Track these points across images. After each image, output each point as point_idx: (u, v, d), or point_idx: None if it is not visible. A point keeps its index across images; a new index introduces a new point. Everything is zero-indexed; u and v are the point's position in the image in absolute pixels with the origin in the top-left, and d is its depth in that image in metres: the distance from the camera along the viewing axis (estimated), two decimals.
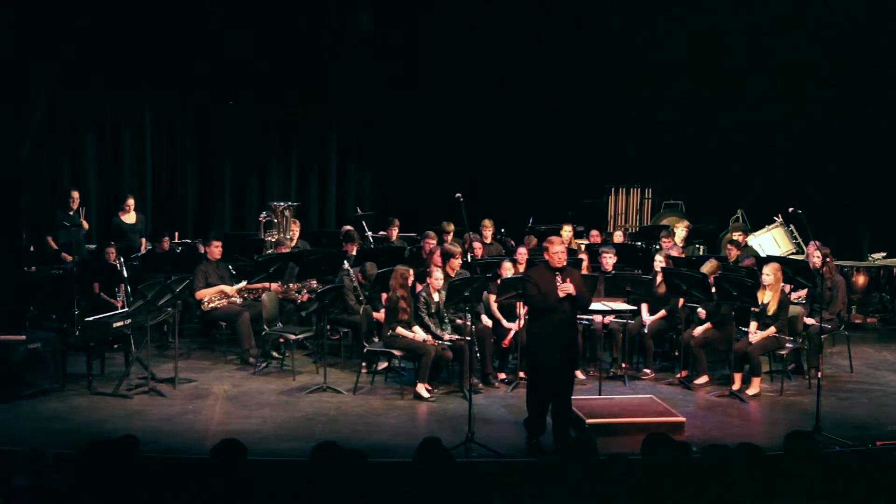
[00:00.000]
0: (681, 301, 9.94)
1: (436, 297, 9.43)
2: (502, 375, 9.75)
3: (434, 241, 11.51)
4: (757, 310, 9.42)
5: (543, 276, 7.72)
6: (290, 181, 15.41)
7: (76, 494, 4.82)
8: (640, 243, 13.06)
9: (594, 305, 9.24)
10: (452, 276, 9.72)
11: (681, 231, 12.43)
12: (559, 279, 7.64)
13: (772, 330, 9.36)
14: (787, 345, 9.51)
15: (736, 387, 9.31)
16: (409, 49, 15.06)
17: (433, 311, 9.41)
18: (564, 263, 7.77)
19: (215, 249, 10.58)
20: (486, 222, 12.20)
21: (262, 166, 15.26)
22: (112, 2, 12.48)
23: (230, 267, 10.95)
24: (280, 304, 10.43)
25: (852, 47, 14.28)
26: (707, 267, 9.87)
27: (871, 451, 7.41)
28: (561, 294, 7.57)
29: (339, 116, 15.74)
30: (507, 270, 9.80)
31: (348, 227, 11.97)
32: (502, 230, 13.21)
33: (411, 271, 9.47)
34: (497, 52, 15.28)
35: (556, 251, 7.70)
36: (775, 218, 13.47)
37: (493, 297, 9.64)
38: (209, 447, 4.96)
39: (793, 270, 9.99)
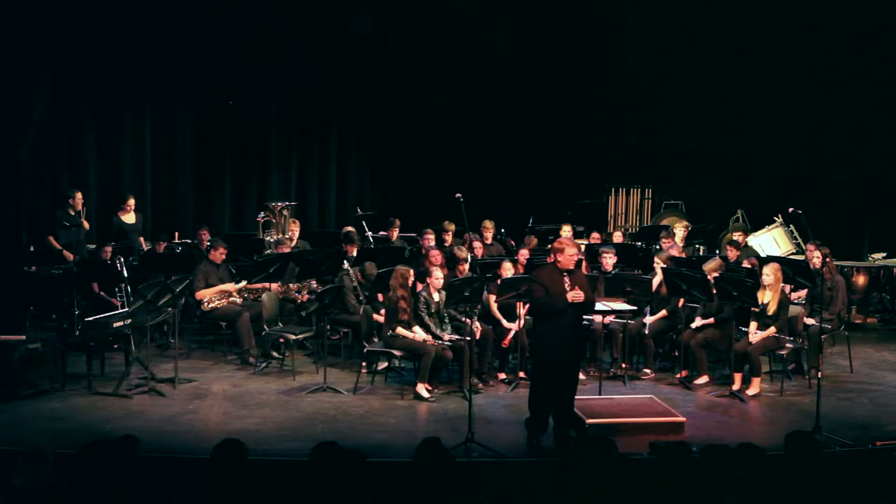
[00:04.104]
0: (681, 301, 9.94)
1: (436, 296, 9.43)
2: (502, 375, 9.76)
3: (432, 237, 11.51)
4: (757, 310, 9.42)
5: (551, 277, 7.70)
6: (290, 181, 15.41)
7: (76, 494, 4.83)
8: (640, 243, 13.06)
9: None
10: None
11: (680, 231, 12.43)
12: (567, 281, 7.64)
13: (772, 330, 9.36)
14: (787, 345, 9.51)
15: (736, 387, 9.31)
16: (409, 49, 15.06)
17: (433, 310, 9.41)
18: None
19: (219, 254, 10.57)
20: (487, 223, 12.19)
21: (262, 166, 15.26)
22: (112, 2, 12.48)
23: (230, 267, 10.95)
24: (280, 304, 10.43)
25: (852, 48, 14.29)
26: (710, 265, 9.88)
27: (871, 451, 7.41)
28: (570, 300, 7.57)
29: (339, 116, 15.74)
30: (508, 271, 9.80)
31: (349, 228, 11.97)
32: (502, 230, 13.20)
33: (411, 271, 9.48)
34: (497, 52, 15.27)
35: (571, 254, 7.70)
36: (775, 218, 13.49)
37: (493, 297, 9.65)
38: (209, 447, 4.96)
39: (793, 270, 9.98)
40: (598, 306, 9.30)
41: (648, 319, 10.05)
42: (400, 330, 9.19)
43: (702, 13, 14.76)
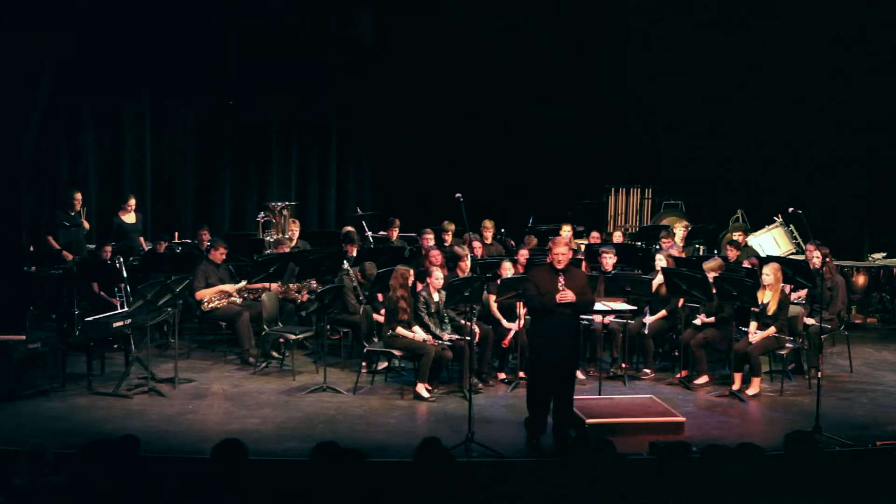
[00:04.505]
0: (681, 301, 9.94)
1: (436, 297, 9.43)
2: (502, 375, 9.76)
3: (431, 237, 11.50)
4: (757, 310, 9.42)
5: (545, 276, 7.71)
6: (290, 181, 15.41)
7: (76, 494, 4.83)
8: (640, 243, 13.06)
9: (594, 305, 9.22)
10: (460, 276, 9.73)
11: (679, 231, 12.43)
12: (561, 280, 7.63)
13: (772, 330, 9.36)
14: (787, 345, 9.51)
15: (736, 387, 9.31)
16: (409, 49, 15.06)
17: (433, 310, 9.40)
18: (567, 264, 7.75)
19: (219, 254, 10.57)
20: (487, 223, 12.19)
21: (262, 166, 15.26)
22: (113, 1, 12.48)
23: (230, 268, 10.95)
24: (280, 304, 10.43)
25: (852, 48, 14.29)
26: (710, 264, 9.87)
27: (871, 451, 7.41)
28: (559, 300, 7.56)
29: (339, 116, 15.74)
30: (507, 270, 9.80)
31: (349, 228, 11.97)
32: (502, 230, 13.21)
33: (411, 271, 9.47)
34: (497, 52, 15.27)
35: (558, 252, 7.68)
36: (775, 218, 13.49)
37: (493, 297, 9.65)
38: (209, 447, 4.96)
39: (793, 270, 9.98)
40: (598, 306, 9.31)
41: (648, 319, 10.05)
42: (400, 330, 9.19)
43: (702, 13, 14.75)
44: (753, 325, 9.49)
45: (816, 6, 14.19)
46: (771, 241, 13.29)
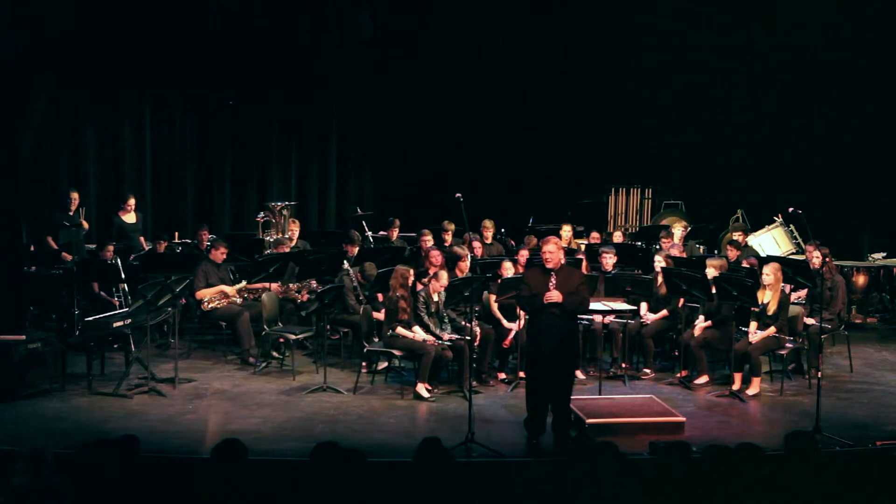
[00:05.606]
0: (681, 301, 9.94)
1: (435, 296, 9.42)
2: (502, 375, 9.77)
3: (429, 238, 11.50)
4: (757, 310, 9.42)
5: (537, 276, 7.71)
6: (290, 181, 15.41)
7: (76, 494, 4.83)
8: (640, 243, 13.06)
9: (594, 305, 9.22)
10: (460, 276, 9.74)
11: (678, 231, 12.42)
12: (552, 280, 7.61)
13: (772, 330, 9.36)
14: (787, 345, 9.51)
15: (736, 387, 9.31)
16: (409, 50, 15.06)
17: (432, 310, 9.40)
18: (558, 264, 7.70)
19: (219, 254, 10.58)
20: (487, 223, 12.18)
21: (262, 166, 15.27)
22: (113, 1, 12.49)
23: (231, 268, 10.95)
24: (280, 304, 10.43)
25: (852, 47, 14.28)
26: (713, 261, 9.87)
27: (871, 451, 7.41)
28: (545, 300, 7.53)
29: (339, 116, 15.74)
30: (507, 270, 9.80)
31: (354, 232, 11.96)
32: (502, 230, 13.21)
33: (411, 271, 9.47)
34: (497, 52, 15.27)
35: (545, 251, 7.65)
36: (775, 218, 13.48)
37: (493, 298, 9.65)
38: (209, 447, 4.96)
39: (793, 270, 9.98)
40: (598, 306, 9.30)
41: (647, 317, 10.04)
42: (400, 330, 9.19)
43: (702, 13, 14.75)
44: (753, 325, 9.49)
45: (818, 7, 14.19)
46: (771, 241, 13.29)
